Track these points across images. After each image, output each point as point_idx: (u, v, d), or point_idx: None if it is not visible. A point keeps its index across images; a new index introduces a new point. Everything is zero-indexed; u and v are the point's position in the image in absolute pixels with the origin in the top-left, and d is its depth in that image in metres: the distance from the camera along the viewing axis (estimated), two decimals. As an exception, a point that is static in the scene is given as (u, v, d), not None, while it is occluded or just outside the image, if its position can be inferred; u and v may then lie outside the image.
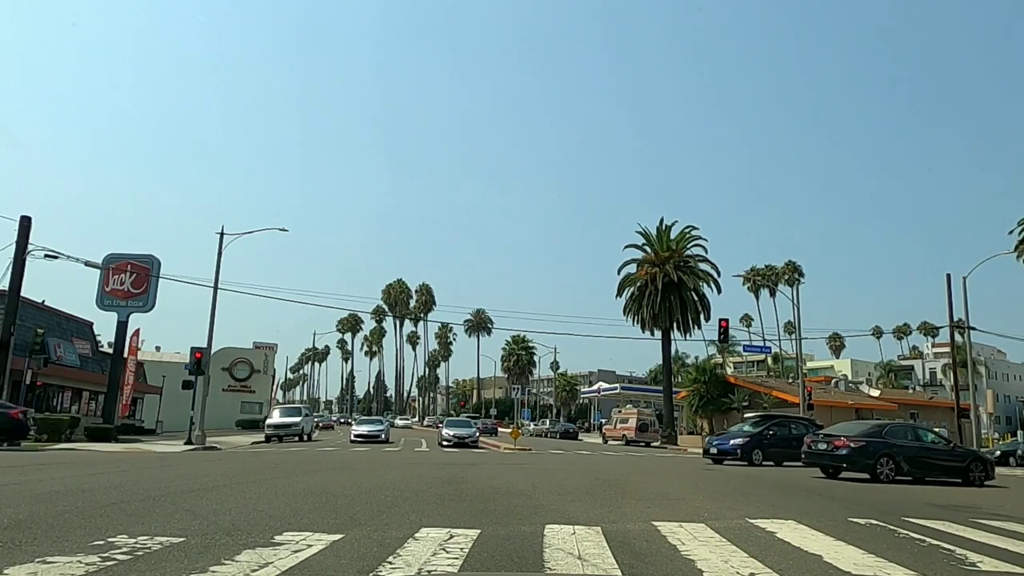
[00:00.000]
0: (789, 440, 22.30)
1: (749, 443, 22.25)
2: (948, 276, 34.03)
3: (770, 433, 22.69)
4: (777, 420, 24.21)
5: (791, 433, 22.93)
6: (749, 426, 23.94)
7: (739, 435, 23.00)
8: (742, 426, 24.93)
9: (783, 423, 23.78)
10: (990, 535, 7.38)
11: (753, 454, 21.93)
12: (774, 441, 22.72)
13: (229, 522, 6.74)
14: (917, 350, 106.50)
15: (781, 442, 22.69)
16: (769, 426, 22.97)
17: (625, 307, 49.56)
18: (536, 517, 7.68)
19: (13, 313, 26.84)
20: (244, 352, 71.85)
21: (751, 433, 22.87)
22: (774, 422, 23.54)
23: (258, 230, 32.11)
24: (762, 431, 22.71)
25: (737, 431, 24.09)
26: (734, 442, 22.33)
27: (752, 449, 22.04)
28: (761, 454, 22.13)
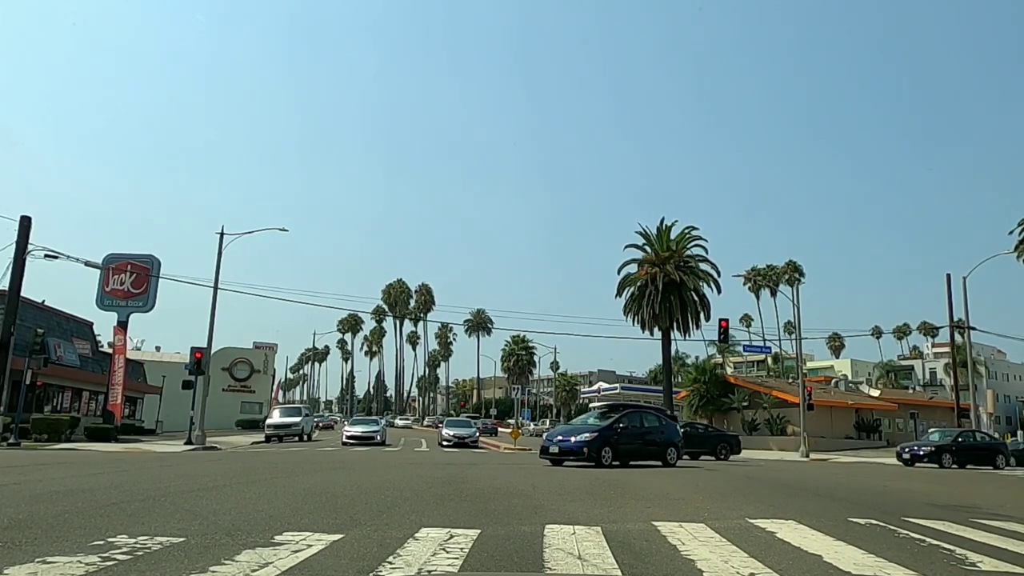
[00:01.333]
0: (642, 435, 19.66)
1: (597, 439, 18.30)
2: (948, 276, 34.12)
3: (621, 427, 18.91)
4: (628, 411, 20.44)
5: (644, 426, 19.81)
6: (595, 418, 19.99)
7: (584, 429, 19.01)
8: (587, 418, 21.00)
9: (635, 414, 20.12)
10: (990, 535, 7.38)
11: (602, 452, 18.17)
12: (626, 436, 19.15)
13: (229, 522, 6.74)
14: (917, 350, 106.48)
15: (634, 438, 19.45)
16: (620, 418, 19.16)
17: (625, 307, 49.54)
18: (536, 517, 7.68)
19: (13, 313, 26.83)
20: (244, 352, 71.85)
21: (599, 427, 18.85)
22: (625, 413, 19.81)
23: (258, 230, 32.15)
24: (612, 424, 18.85)
25: (582, 424, 20.14)
26: (579, 439, 18.37)
27: (601, 447, 18.22)
28: (611, 452, 18.47)
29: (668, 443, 19.85)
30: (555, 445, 18.54)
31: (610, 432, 18.74)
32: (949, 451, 27.94)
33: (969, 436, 30.34)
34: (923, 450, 28.34)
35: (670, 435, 20.14)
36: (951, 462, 27.46)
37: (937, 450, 27.98)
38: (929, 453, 27.93)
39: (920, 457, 27.88)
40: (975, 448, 29.09)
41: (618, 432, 18.86)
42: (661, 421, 20.45)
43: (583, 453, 18.05)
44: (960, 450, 28.35)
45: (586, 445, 18.09)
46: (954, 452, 28.04)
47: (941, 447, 28.29)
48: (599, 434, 18.45)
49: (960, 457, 28.08)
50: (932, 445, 28.67)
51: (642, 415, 20.30)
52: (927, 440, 30.57)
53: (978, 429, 34.33)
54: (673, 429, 20.75)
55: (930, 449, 28.20)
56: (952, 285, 33.87)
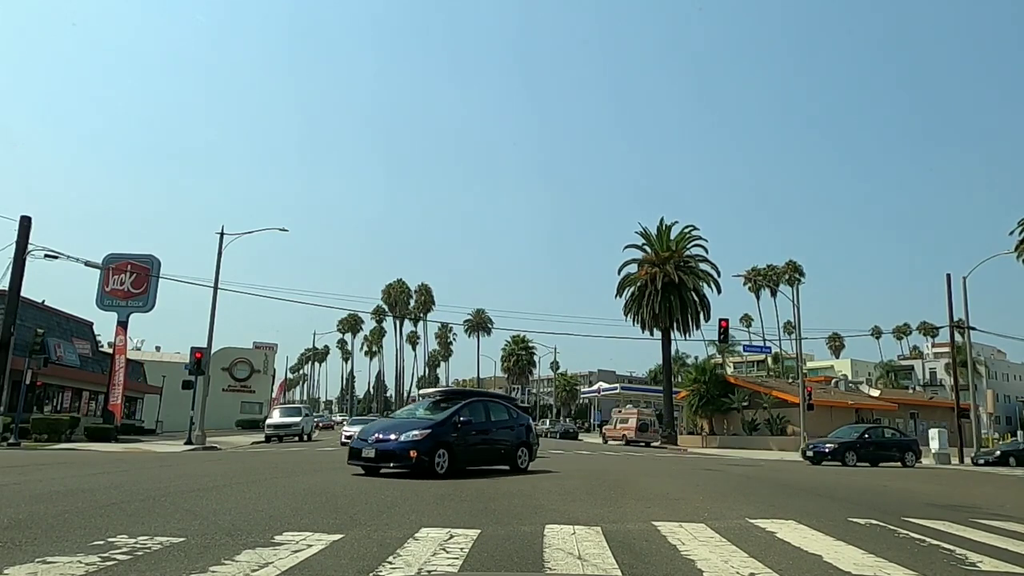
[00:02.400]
0: (487, 431, 14.86)
1: (429, 439, 13.12)
2: (948, 276, 34.04)
3: (461, 421, 13.97)
4: (471, 400, 15.29)
5: (490, 420, 15.07)
6: (426, 409, 14.92)
7: (412, 425, 13.72)
8: (415, 409, 15.92)
9: (477, 405, 15.15)
10: (990, 535, 7.38)
11: (436, 456, 13.10)
12: (467, 434, 14.16)
13: (229, 522, 6.74)
14: (917, 350, 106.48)
15: (478, 436, 14.55)
16: (460, 410, 14.23)
17: (625, 307, 49.60)
18: (536, 517, 7.68)
19: (13, 313, 26.84)
20: (244, 352, 71.87)
21: (431, 422, 13.73)
22: (466, 403, 14.76)
23: (258, 230, 32.13)
24: (449, 418, 13.87)
25: (408, 417, 14.93)
26: (405, 438, 13.16)
27: (434, 448, 13.13)
28: (447, 456, 13.32)
29: (519, 443, 15.67)
30: (371, 447, 13.26)
31: (446, 428, 13.66)
32: (853, 448, 26.57)
33: (877, 432, 28.93)
34: (827, 447, 26.80)
35: (522, 433, 15.97)
36: (855, 460, 26.14)
37: (841, 447, 26.53)
38: (833, 451, 26.43)
39: (824, 454, 26.41)
40: (883, 445, 27.90)
41: (457, 428, 13.79)
42: (512, 414, 16.06)
43: (409, 458, 12.87)
44: (866, 447, 27.15)
45: (414, 446, 12.96)
46: (859, 449, 26.71)
47: (845, 444, 26.83)
48: (431, 431, 13.32)
49: (866, 454, 26.84)
50: (836, 442, 27.20)
51: (487, 406, 15.44)
52: (834, 436, 29.08)
53: (891, 426, 32.39)
54: (526, 425, 16.38)
55: (834, 446, 26.69)
56: (952, 285, 33.87)
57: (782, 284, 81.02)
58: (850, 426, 31.65)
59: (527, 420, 16.93)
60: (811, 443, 28.33)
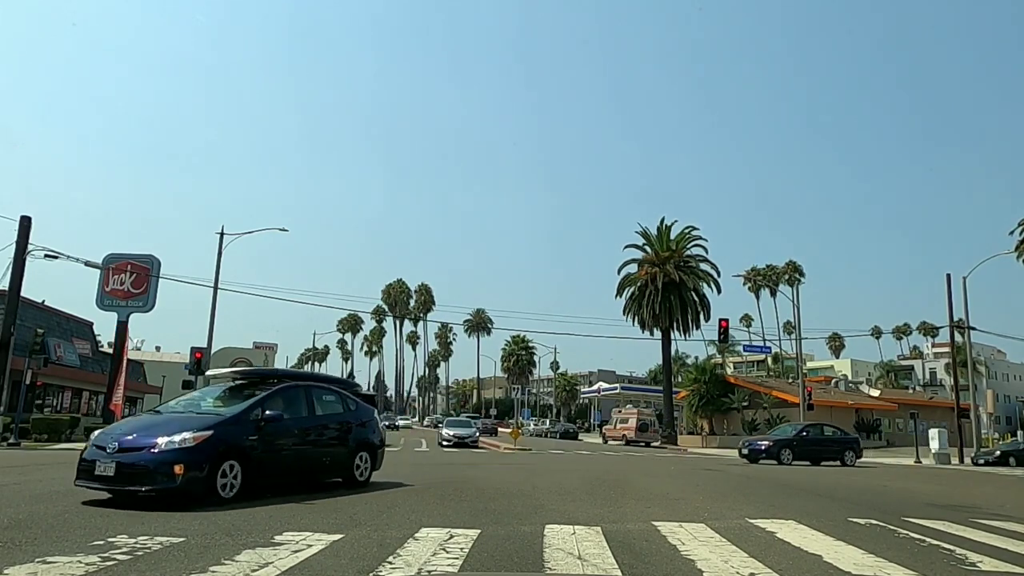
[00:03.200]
0: (310, 431, 10.35)
1: (209, 445, 8.55)
2: (948, 276, 34.04)
3: (266, 416, 9.44)
4: (284, 386, 10.53)
5: (315, 415, 10.60)
6: (217, 398, 10.36)
7: (185, 424, 8.92)
8: (200, 398, 10.68)
9: (294, 393, 10.54)
10: (990, 535, 7.38)
11: (221, 471, 8.57)
12: (276, 435, 9.58)
13: (229, 522, 6.74)
14: (917, 350, 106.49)
15: (295, 438, 10.01)
16: (264, 400, 9.75)
17: (625, 307, 49.61)
18: (536, 517, 7.68)
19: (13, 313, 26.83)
20: (244, 352, 71.82)
21: (218, 419, 9.23)
22: (277, 389, 10.28)
23: (258, 230, 32.22)
24: (247, 411, 9.43)
25: (184, 411, 9.88)
26: (168, 444, 8.34)
27: (219, 460, 8.58)
28: (241, 469, 8.80)
29: (357, 447, 11.06)
30: (109, 460, 8.42)
31: (240, 428, 9.10)
32: (789, 446, 25.61)
33: (816, 430, 27.77)
34: (763, 444, 25.80)
35: (362, 433, 11.35)
36: (791, 458, 25.07)
37: (776, 445, 25.53)
38: (768, 448, 25.35)
39: (760, 452, 25.27)
40: (822, 443, 26.83)
41: (259, 427, 9.23)
42: (347, 405, 11.38)
43: (172, 476, 8.10)
44: (804, 445, 26.12)
45: (180, 458, 8.20)
46: (795, 447, 25.61)
47: (781, 442, 25.81)
48: (214, 433, 8.68)
49: (804, 452, 25.77)
50: (772, 440, 26.25)
51: (310, 394, 10.67)
52: (772, 434, 28.24)
53: (830, 423, 31.11)
54: (368, 422, 11.73)
55: (769, 444, 25.72)
56: (952, 285, 33.88)
57: (782, 284, 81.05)
58: (790, 424, 31.04)
59: (370, 414, 11.96)
60: (747, 440, 27.53)
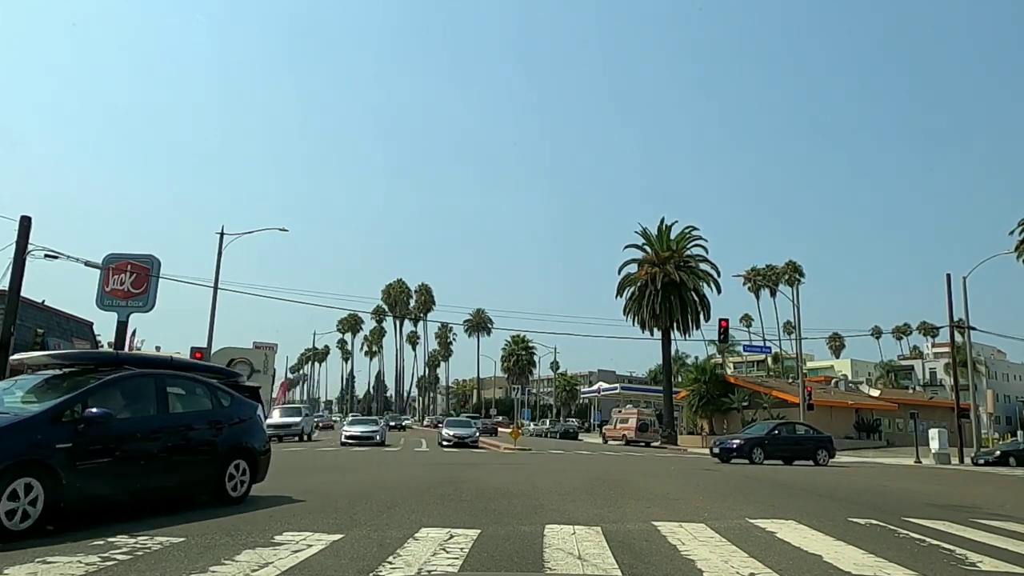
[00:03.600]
0: (156, 434, 7.53)
1: None
2: (948, 276, 34.02)
3: (89, 415, 6.58)
4: (122, 376, 7.58)
5: (166, 410, 7.81)
6: (29, 391, 7.29)
7: None
8: (4, 394, 7.25)
9: (133, 385, 7.67)
10: (990, 535, 7.38)
11: (8, 494, 5.61)
12: (101, 441, 6.73)
13: (229, 522, 6.74)
14: (917, 350, 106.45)
15: (134, 447, 7.27)
16: (86, 394, 6.86)
17: (625, 307, 49.61)
18: (536, 517, 7.68)
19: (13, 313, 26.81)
20: (244, 352, 71.70)
21: (14, 419, 6.26)
22: (108, 381, 7.34)
23: (258, 230, 32.22)
24: (59, 410, 6.51)
25: None
26: None
27: (4, 477, 5.63)
28: (43, 491, 5.94)
29: (235, 450, 8.55)
30: None
31: (45, 433, 6.36)
32: (761, 445, 24.64)
33: (789, 429, 27.02)
34: (735, 443, 24.92)
35: (236, 434, 8.71)
36: (763, 456, 24.20)
37: (748, 444, 24.67)
38: (740, 447, 24.48)
39: (732, 451, 24.40)
40: (794, 442, 25.90)
41: (77, 431, 6.57)
42: (219, 400, 8.72)
43: None
44: (776, 444, 25.22)
45: None
46: (767, 446, 24.72)
47: (753, 440, 24.95)
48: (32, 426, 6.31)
49: (776, 451, 24.82)
50: (744, 439, 25.41)
51: (161, 384, 7.99)
52: (744, 433, 27.43)
53: (803, 422, 30.14)
54: (249, 420, 9.06)
55: (740, 442, 24.86)
56: (952, 285, 33.86)
57: (782, 284, 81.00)
58: (763, 422, 30.56)
59: (250, 411, 9.22)
60: (719, 439, 26.95)
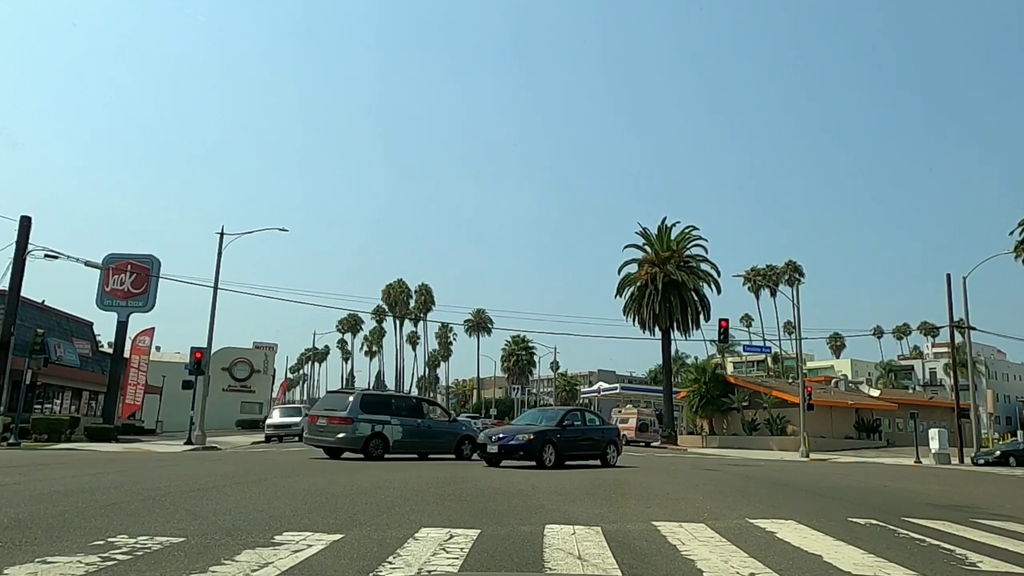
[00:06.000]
0: None
1: None
2: (948, 276, 34.07)
3: None
4: None
5: None
6: None
7: None
8: None
9: None
10: (990, 535, 7.38)
11: None
12: None
13: (229, 522, 6.74)
14: (917, 350, 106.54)
15: None
16: None
17: (625, 307, 49.62)
18: (536, 517, 7.68)
19: (13, 313, 26.85)
20: (244, 352, 71.76)
21: None
22: None
23: (258, 230, 32.11)
24: None
25: None
26: None
27: None
28: None
29: None
30: None
31: None
32: (554, 442, 18.20)
33: (578, 418, 20.19)
34: (521, 439, 17.95)
35: None
36: (553, 457, 18.01)
37: (539, 438, 18.04)
38: (530, 444, 17.83)
39: (516, 450, 17.87)
40: (586, 435, 19.79)
41: None
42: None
43: None
44: (568, 440, 18.85)
45: None
46: (559, 442, 18.39)
47: (544, 435, 18.22)
48: None
49: (569, 448, 18.80)
50: (533, 432, 18.30)
51: None
52: (522, 423, 21.01)
53: (591, 409, 23.72)
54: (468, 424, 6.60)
55: (530, 438, 17.92)
56: (952, 285, 33.89)
57: (782, 284, 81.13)
58: (539, 409, 22.65)
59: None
60: (492, 433, 19.71)
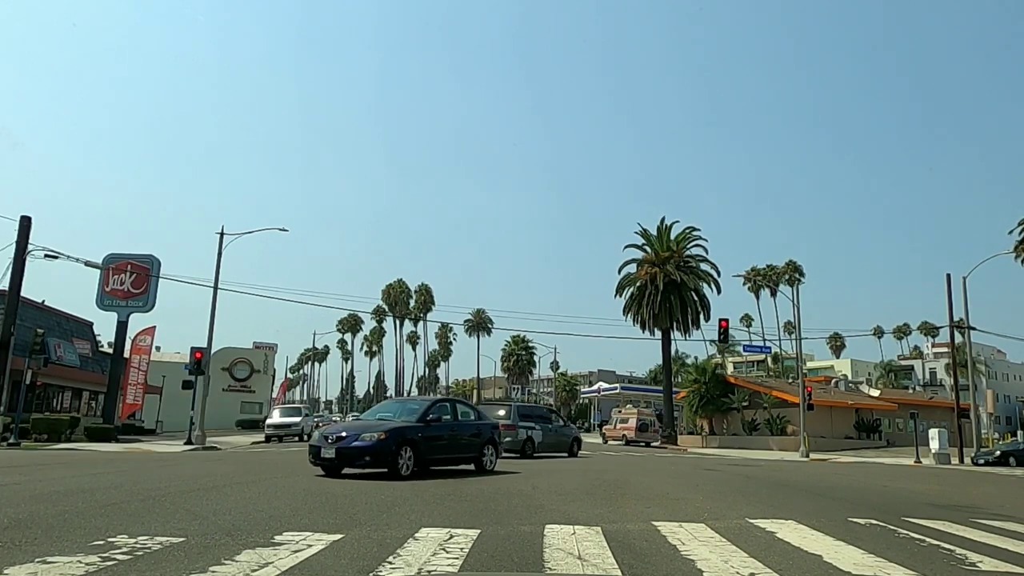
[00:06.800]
0: None
1: None
2: (948, 276, 34.02)
3: None
4: None
5: None
6: None
7: None
8: None
9: None
10: (990, 535, 7.38)
11: None
12: None
13: (229, 522, 6.74)
14: (917, 350, 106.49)
15: None
16: None
17: (625, 307, 49.59)
18: (536, 517, 7.68)
19: (13, 313, 26.84)
20: (244, 352, 71.75)
21: None
22: None
23: (258, 230, 32.08)
24: None
25: None
26: None
27: None
28: None
29: None
30: None
31: None
32: (414, 443, 13.18)
33: (447, 410, 14.81)
34: (369, 439, 12.73)
35: None
36: (412, 462, 12.88)
37: (391, 437, 12.85)
38: (380, 444, 12.77)
39: (360, 455, 12.74)
40: (457, 432, 14.58)
41: None
42: None
43: None
44: (432, 440, 13.71)
45: None
46: (421, 442, 13.23)
47: (399, 433, 13.00)
48: None
49: (435, 449, 13.84)
50: (386, 431, 12.94)
51: None
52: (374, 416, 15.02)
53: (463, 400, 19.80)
54: None
55: (380, 436, 12.75)
56: (952, 285, 33.86)
57: (782, 284, 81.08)
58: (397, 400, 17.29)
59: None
60: (328, 432, 13.98)
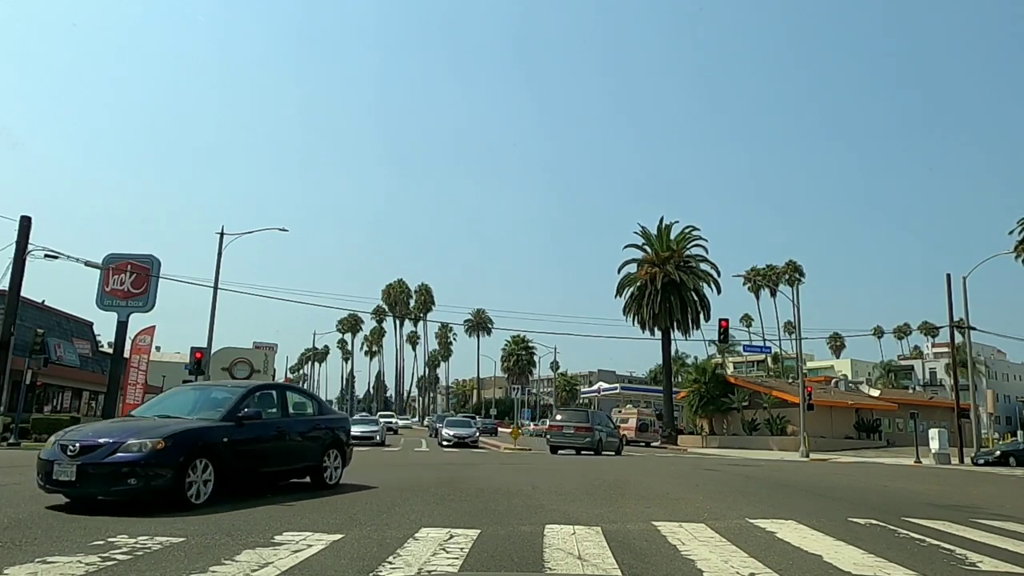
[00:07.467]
0: None
1: None
2: (948, 276, 34.03)
3: None
4: None
5: None
6: None
7: None
8: None
9: None
10: (990, 535, 7.38)
11: None
12: None
13: (229, 522, 6.74)
14: (917, 350, 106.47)
15: None
16: None
17: (625, 307, 49.62)
18: (536, 517, 7.68)
19: (13, 313, 26.83)
20: (244, 352, 71.47)
21: None
22: None
23: (258, 230, 32.20)
24: None
25: None
26: None
27: None
28: None
29: None
30: None
31: None
32: (211, 453, 8.79)
33: (272, 401, 10.22)
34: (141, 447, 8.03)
35: None
36: (212, 482, 8.64)
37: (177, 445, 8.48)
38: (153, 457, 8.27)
39: (116, 473, 8.10)
40: (284, 433, 10.12)
41: None
42: None
43: None
44: (247, 445, 9.63)
45: None
46: (226, 449, 8.96)
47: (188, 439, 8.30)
48: None
49: (243, 456, 9.48)
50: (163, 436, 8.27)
51: None
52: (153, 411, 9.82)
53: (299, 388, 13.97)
54: None
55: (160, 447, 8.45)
56: (952, 285, 33.87)
57: (782, 284, 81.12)
58: (194, 386, 12.78)
59: None
60: (72, 437, 8.26)
